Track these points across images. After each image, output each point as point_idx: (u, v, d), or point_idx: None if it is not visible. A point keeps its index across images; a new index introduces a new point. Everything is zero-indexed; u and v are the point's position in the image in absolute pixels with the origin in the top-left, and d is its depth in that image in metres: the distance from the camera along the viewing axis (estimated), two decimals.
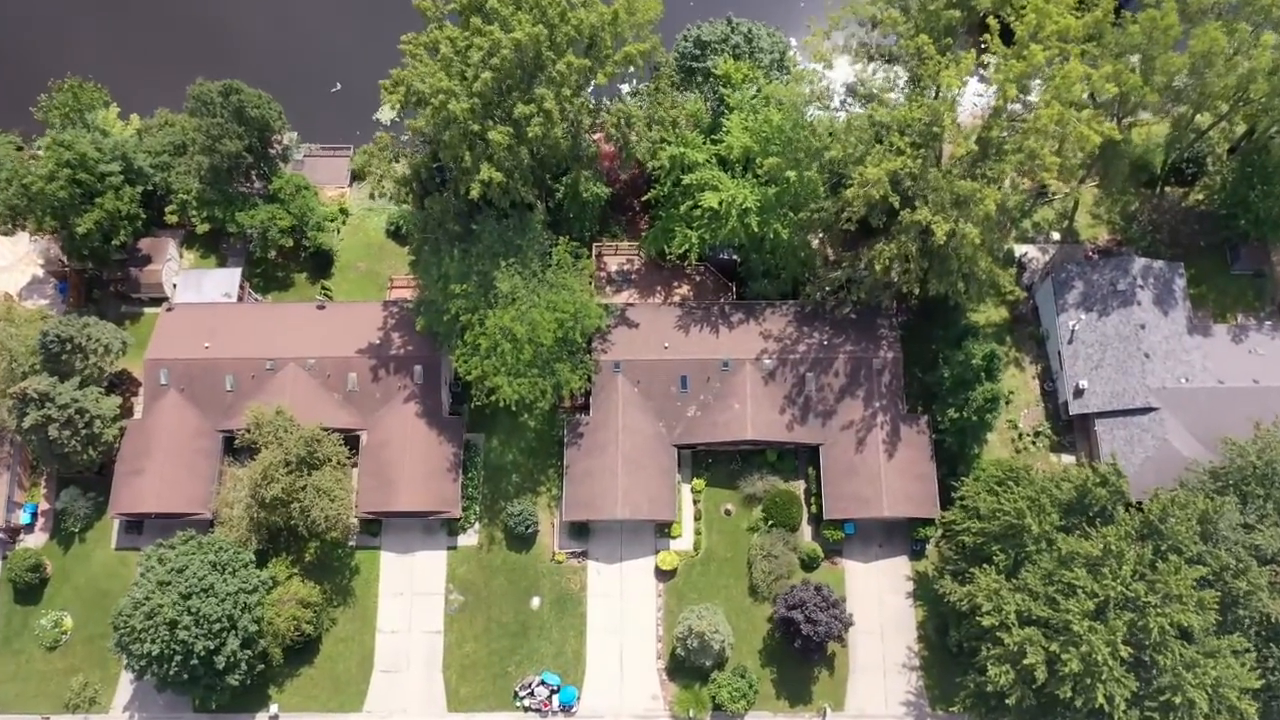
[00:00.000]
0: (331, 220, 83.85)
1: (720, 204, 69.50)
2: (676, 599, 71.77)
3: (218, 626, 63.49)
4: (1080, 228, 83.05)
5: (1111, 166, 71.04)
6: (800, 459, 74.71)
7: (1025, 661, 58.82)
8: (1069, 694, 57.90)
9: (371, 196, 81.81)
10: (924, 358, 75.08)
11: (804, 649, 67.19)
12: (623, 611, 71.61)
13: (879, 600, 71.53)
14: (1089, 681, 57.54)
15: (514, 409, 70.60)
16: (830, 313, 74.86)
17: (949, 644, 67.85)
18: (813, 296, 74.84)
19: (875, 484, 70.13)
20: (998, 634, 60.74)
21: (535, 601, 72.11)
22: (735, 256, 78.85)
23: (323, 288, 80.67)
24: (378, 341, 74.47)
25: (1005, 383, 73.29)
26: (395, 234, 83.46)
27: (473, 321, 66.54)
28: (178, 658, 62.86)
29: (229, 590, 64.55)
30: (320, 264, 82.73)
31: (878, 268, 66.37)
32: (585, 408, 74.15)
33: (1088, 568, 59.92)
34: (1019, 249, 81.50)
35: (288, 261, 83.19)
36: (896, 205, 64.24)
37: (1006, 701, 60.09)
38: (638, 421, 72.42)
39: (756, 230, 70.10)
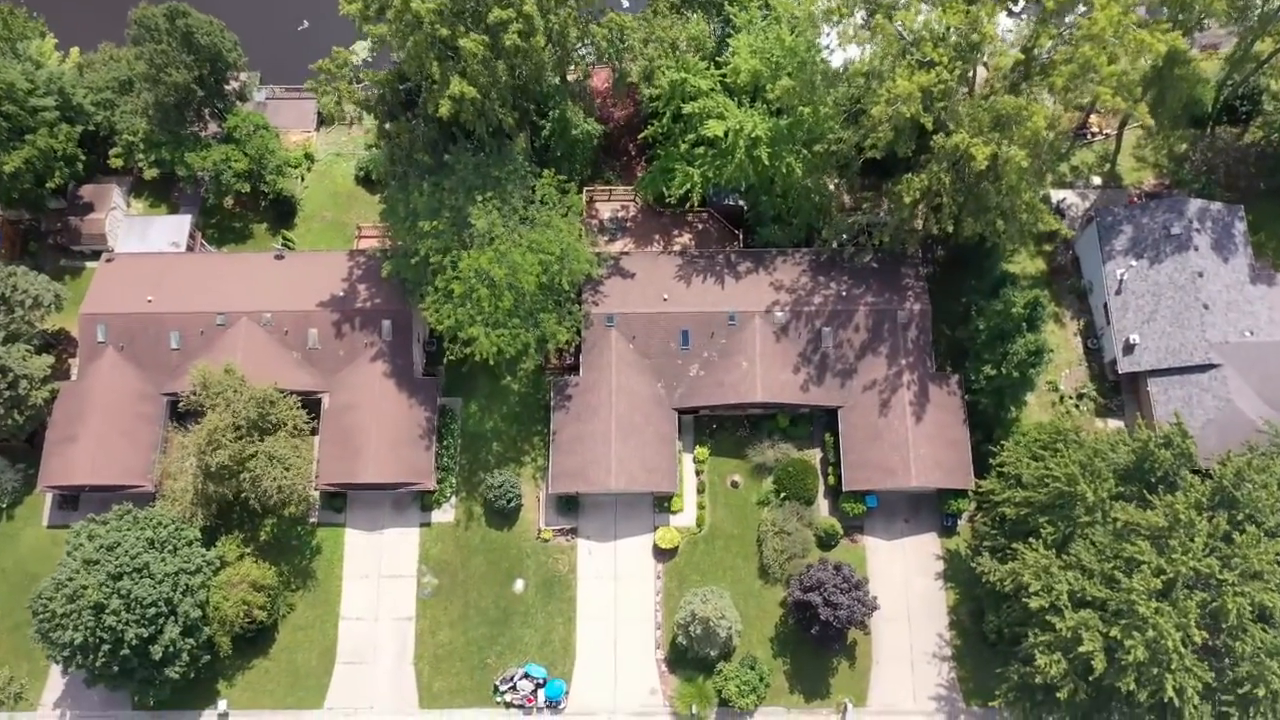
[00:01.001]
0: (295, 166, 75.87)
1: (726, 134, 61.46)
2: (677, 581, 63.82)
3: (153, 612, 55.51)
4: (1124, 171, 75.01)
5: (1168, 93, 62.90)
6: (816, 424, 66.71)
7: (1081, 649, 50.83)
8: (1131, 686, 49.92)
9: (322, 122, 73.76)
10: (952, 314, 67.05)
11: (821, 637, 59.21)
12: (617, 595, 63.64)
13: (905, 582, 63.56)
14: (1155, 671, 49.55)
15: (493, 366, 62.81)
16: (849, 261, 66.89)
17: (985, 631, 59.89)
18: (829, 242, 66.87)
19: (901, 451, 62.14)
20: (1047, 618, 52.72)
21: (518, 584, 64.16)
22: (741, 202, 70.85)
23: (283, 237, 72.65)
24: (342, 294, 66.46)
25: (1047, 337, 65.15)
26: (366, 180, 75.39)
27: (444, 264, 58.49)
28: (106, 647, 54.86)
29: (167, 571, 56.59)
30: (282, 213, 74.69)
31: (906, 200, 58.27)
32: (575, 368, 66.15)
33: (1151, 541, 51.93)
34: (1056, 194, 73.44)
35: (246, 211, 75.18)
36: (929, 126, 56.11)
37: (1056, 695, 52.17)
38: (634, 382, 64.45)
39: (767, 164, 62.00)
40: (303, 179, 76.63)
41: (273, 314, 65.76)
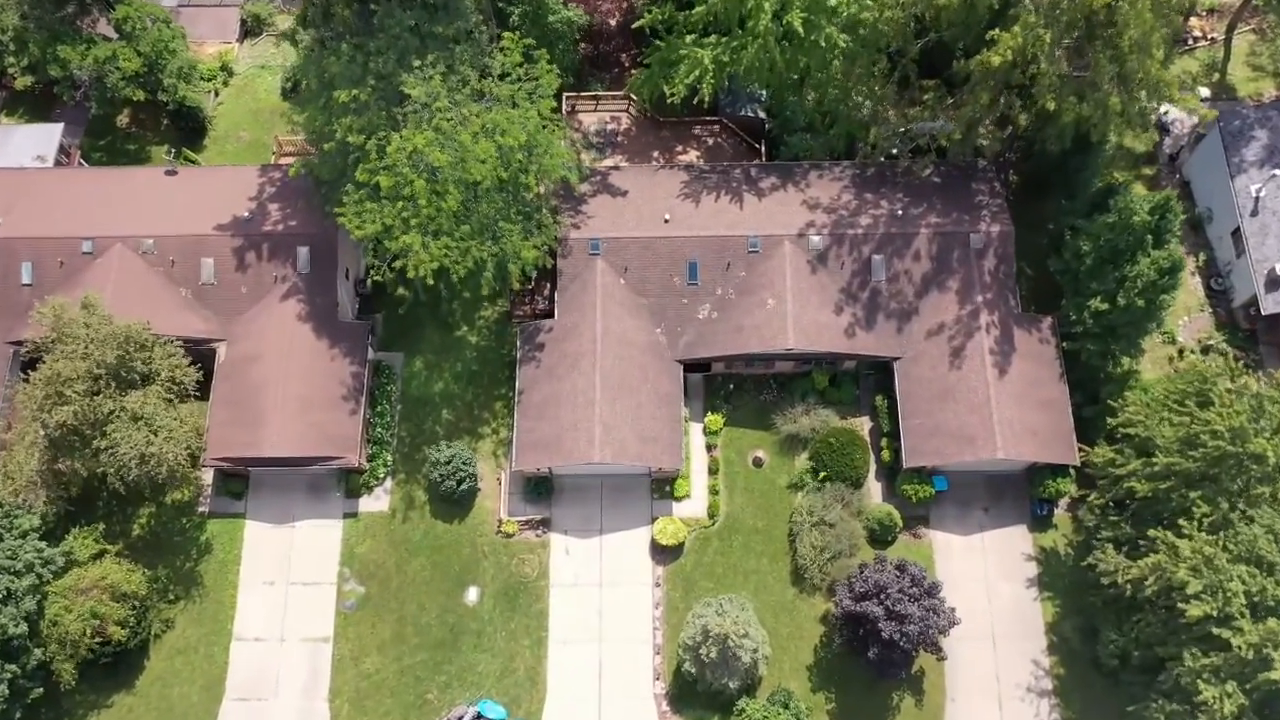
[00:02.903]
0: (208, 78, 61.09)
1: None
2: (683, 589, 48.00)
3: None
4: (1236, 82, 60.28)
5: None
6: (864, 384, 51.27)
7: (1271, 676, 35.07)
8: None
9: (247, 33, 59.21)
10: (1030, 250, 51.83)
11: (880, 662, 43.31)
12: (603, 608, 47.81)
13: (987, 589, 47.73)
14: None
15: (447, 312, 47.92)
16: (903, 176, 51.88)
17: (1102, 655, 44.03)
18: (878, 151, 51.85)
19: (981, 413, 46.62)
20: (1214, 631, 37.01)
21: (471, 594, 48.30)
22: (762, 114, 56.00)
23: (180, 153, 57.50)
24: (247, 215, 51.23)
25: None
26: (295, 92, 60.39)
27: (369, 149, 43.28)
28: None
29: None
30: (189, 132, 59.62)
31: (996, 61, 43.08)
32: (550, 314, 50.83)
33: None
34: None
35: (143, 130, 60.20)
36: None
37: None
38: (625, 326, 49.10)
39: (801, 33, 47.03)
40: (216, 93, 61.77)
41: (155, 240, 50.45)
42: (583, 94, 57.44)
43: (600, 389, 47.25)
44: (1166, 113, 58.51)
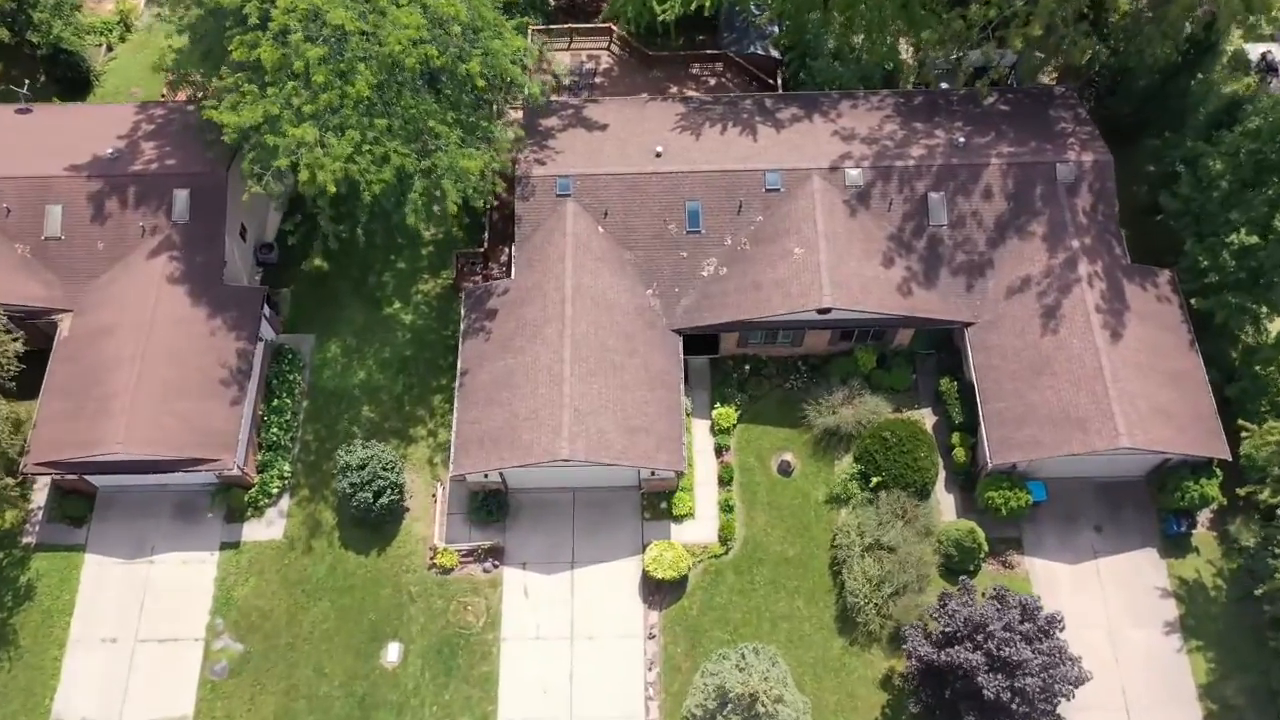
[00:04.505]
0: (103, 30, 50.26)
1: None
2: (687, 642, 34.45)
3: None
4: None
5: None
6: (923, 366, 38.86)
7: None
8: None
9: None
10: (1123, 203, 39.94)
11: None
12: (575, 670, 34.13)
13: (1111, 638, 34.23)
14: None
15: (374, 284, 35.67)
16: (959, 104, 40.54)
17: None
18: (927, 75, 40.74)
19: (1092, 389, 34.04)
20: None
21: (391, 652, 34.63)
22: (775, 51, 45.06)
23: (22, 92, 45.59)
24: (112, 155, 39.31)
25: None
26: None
27: (249, 10, 31.49)
28: None
29: None
30: (69, 84, 48.39)
31: None
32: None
33: None
34: (1255, 48, 47.76)
35: (12, 86, 48.82)
36: None
37: None
38: (604, 285, 36.79)
39: None
40: (110, 47, 50.82)
41: None
42: (553, 27, 46.43)
43: (571, 363, 34.64)
44: (1268, 52, 47.89)
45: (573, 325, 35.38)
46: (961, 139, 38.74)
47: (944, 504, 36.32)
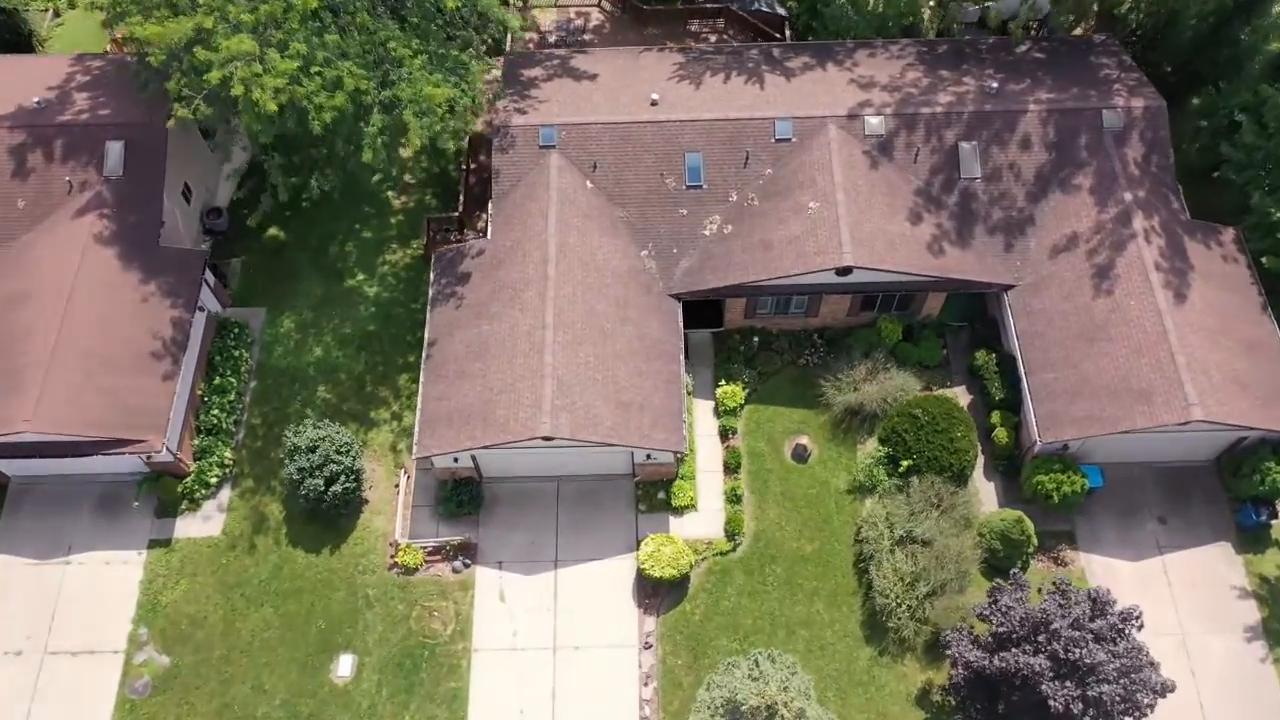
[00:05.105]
0: None
1: None
2: (689, 651, 29.50)
3: None
4: None
5: None
6: (954, 339, 34.36)
7: None
8: None
9: None
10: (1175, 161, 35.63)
11: None
12: (558, 686, 29.10)
13: (1185, 646, 29.29)
14: None
15: (335, 249, 31.44)
16: (989, 52, 36.42)
17: None
18: (952, 15, 36.70)
19: (1155, 355, 29.48)
20: None
21: (344, 664, 29.61)
22: (781, 10, 41.07)
23: None
24: (38, 104, 34.91)
25: None
26: None
27: None
28: None
29: None
30: (10, 50, 43.89)
31: None
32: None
33: None
34: None
35: None
36: None
37: None
38: (592, 245, 32.31)
39: None
40: (57, 13, 46.72)
41: None
42: None
43: (554, 329, 30.05)
44: None
45: (556, 287, 30.84)
46: (994, 84, 34.52)
47: (983, 494, 31.58)
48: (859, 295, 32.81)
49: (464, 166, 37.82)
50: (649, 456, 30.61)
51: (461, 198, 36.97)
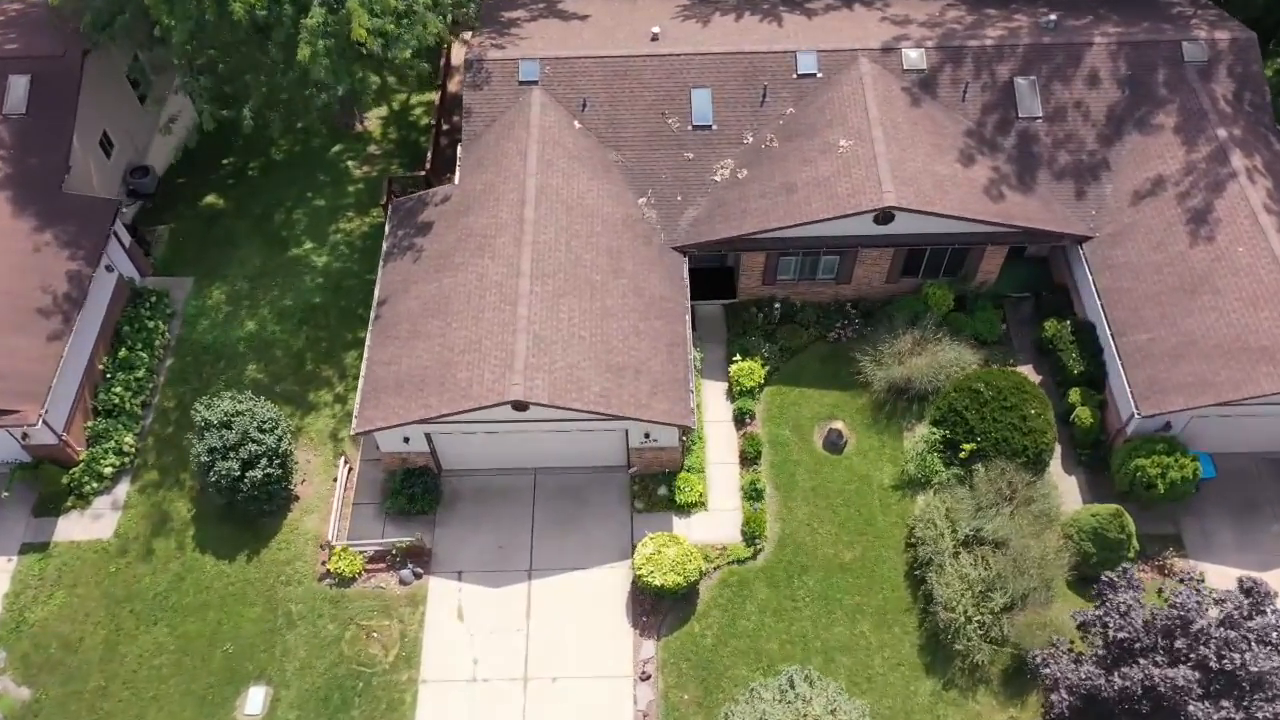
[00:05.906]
0: None
1: None
2: (699, 684, 22.90)
3: None
4: None
5: None
6: (1013, 310, 28.62)
7: None
8: None
9: None
10: None
11: None
12: None
13: None
14: None
15: (280, 215, 27.09)
16: None
17: None
18: None
19: (1277, 309, 23.76)
20: None
21: (253, 700, 22.96)
22: None
23: None
24: None
25: None
26: None
27: None
28: None
29: None
30: None
31: None
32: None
33: None
34: None
35: None
36: None
37: None
38: (580, 189, 26.85)
39: None
40: None
41: None
42: None
43: (530, 279, 24.35)
44: None
45: (535, 232, 25.27)
46: (1052, 18, 29.59)
47: (1061, 490, 25.38)
48: (901, 251, 27.19)
49: (434, 124, 32.71)
50: (648, 437, 24.56)
51: (429, 155, 31.75)
